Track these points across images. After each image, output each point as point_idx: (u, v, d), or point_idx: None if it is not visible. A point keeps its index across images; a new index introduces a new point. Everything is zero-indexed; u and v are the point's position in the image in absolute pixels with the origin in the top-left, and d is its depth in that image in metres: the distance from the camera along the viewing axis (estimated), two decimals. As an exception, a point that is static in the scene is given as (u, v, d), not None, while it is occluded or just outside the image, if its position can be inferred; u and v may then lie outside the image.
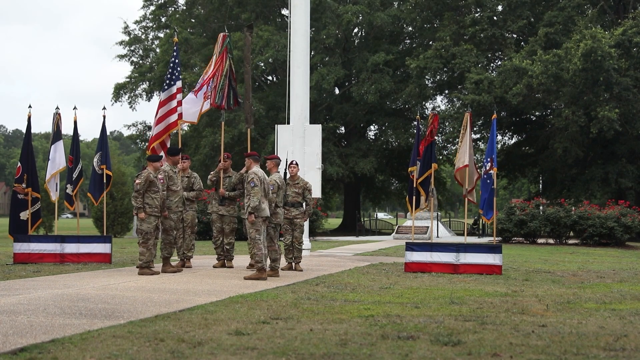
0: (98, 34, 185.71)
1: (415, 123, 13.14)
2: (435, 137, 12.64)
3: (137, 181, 10.58)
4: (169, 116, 12.05)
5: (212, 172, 12.19)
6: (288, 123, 16.50)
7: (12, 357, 4.70)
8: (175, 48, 12.57)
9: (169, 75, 12.39)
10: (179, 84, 12.20)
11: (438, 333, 5.75)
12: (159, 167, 10.80)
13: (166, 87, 12.25)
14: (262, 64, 34.97)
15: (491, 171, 11.86)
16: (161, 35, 39.02)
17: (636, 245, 23.35)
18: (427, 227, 26.55)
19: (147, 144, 38.86)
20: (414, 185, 12.36)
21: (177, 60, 12.42)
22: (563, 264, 14.24)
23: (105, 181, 13.17)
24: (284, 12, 36.60)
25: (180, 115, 12.09)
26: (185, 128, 32.74)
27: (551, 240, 23.88)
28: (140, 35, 40.01)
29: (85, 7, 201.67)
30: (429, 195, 12.46)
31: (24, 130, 18.19)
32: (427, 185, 12.34)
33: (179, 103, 12.16)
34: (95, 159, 13.26)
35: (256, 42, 32.09)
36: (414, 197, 12.48)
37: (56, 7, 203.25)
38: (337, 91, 37.78)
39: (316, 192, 14.77)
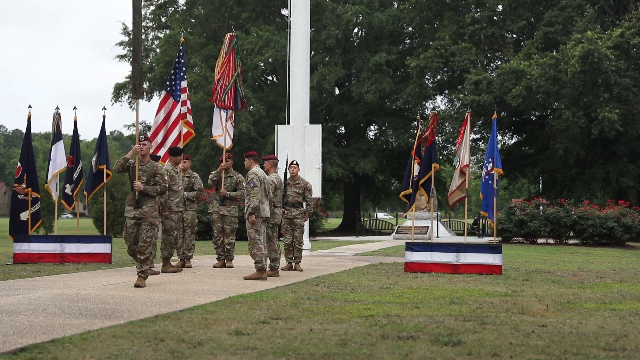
0: (97, 34, 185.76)
1: (415, 123, 13.13)
2: (436, 138, 12.63)
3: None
4: (178, 124, 12.07)
5: (213, 172, 12.20)
6: (288, 123, 16.51)
7: (12, 357, 4.70)
8: (180, 48, 12.59)
9: (172, 77, 12.38)
10: (183, 84, 12.21)
11: (438, 333, 5.75)
12: None
13: (169, 88, 12.24)
14: (262, 64, 34.97)
15: (492, 172, 11.86)
16: (161, 35, 39.01)
17: (636, 245, 23.35)
18: (427, 227, 26.55)
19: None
20: (417, 186, 12.34)
21: (182, 61, 12.43)
22: (563, 264, 14.24)
23: (105, 180, 13.17)
24: (284, 12, 36.60)
25: (183, 115, 12.12)
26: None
27: (551, 240, 23.88)
28: (140, 35, 39.97)
29: (83, 7, 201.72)
30: (430, 196, 12.46)
31: (23, 130, 18.20)
32: (427, 185, 12.34)
33: (183, 103, 12.19)
34: (93, 159, 13.28)
35: (256, 42, 32.10)
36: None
37: (54, 8, 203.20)
38: (337, 91, 37.78)
39: (316, 192, 14.77)
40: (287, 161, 12.33)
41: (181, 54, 12.51)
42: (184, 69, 12.37)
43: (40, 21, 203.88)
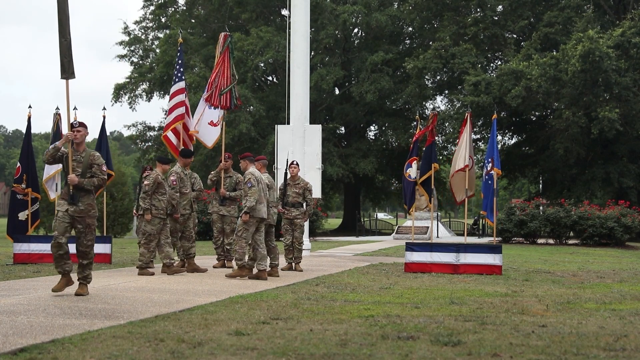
0: (96, 34, 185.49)
1: (415, 123, 13.15)
2: (435, 138, 12.64)
3: (145, 182, 10.63)
4: (172, 112, 12.17)
5: (212, 173, 12.20)
6: (288, 123, 16.51)
7: (12, 357, 4.70)
8: (179, 49, 12.63)
9: (176, 72, 12.48)
10: (181, 84, 12.23)
11: (438, 333, 5.75)
12: (167, 170, 10.84)
13: (173, 83, 12.36)
14: (262, 65, 34.97)
15: (492, 172, 11.86)
16: (161, 35, 39.02)
17: (636, 245, 23.34)
18: (427, 227, 26.54)
19: (147, 144, 39.03)
20: (415, 186, 12.37)
21: (180, 61, 12.46)
22: (563, 264, 14.24)
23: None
24: (284, 12, 36.61)
25: (180, 117, 12.14)
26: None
27: (551, 241, 23.87)
28: (140, 35, 40.01)
29: (82, 7, 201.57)
30: (430, 196, 12.47)
31: (23, 131, 18.19)
32: (428, 185, 12.35)
33: (181, 104, 12.20)
34: None
35: (256, 43, 32.11)
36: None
37: (54, 8, 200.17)
38: (337, 91, 37.79)
39: (316, 193, 14.78)
40: (287, 161, 12.33)
41: (179, 54, 12.56)
42: (181, 69, 12.40)
43: (40, 21, 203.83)
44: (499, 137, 34.92)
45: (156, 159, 11.10)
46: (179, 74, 12.34)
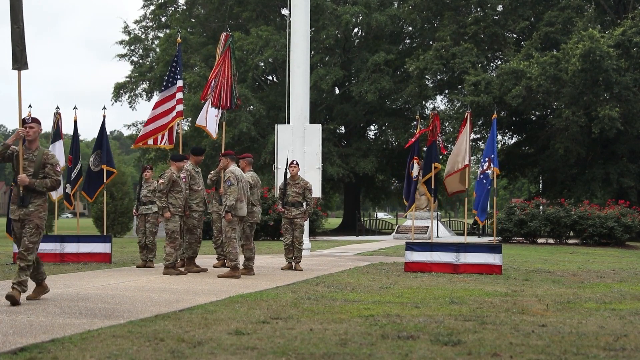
0: (96, 34, 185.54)
1: (415, 123, 13.16)
2: (437, 137, 12.64)
3: (160, 181, 10.64)
4: (165, 115, 12.14)
5: (212, 172, 12.20)
6: (288, 123, 16.52)
7: (12, 357, 4.70)
8: (178, 48, 12.67)
9: (171, 74, 12.48)
10: (179, 82, 12.26)
11: (438, 333, 5.75)
12: (182, 167, 10.85)
13: (169, 85, 12.35)
14: (262, 64, 34.97)
15: (488, 171, 11.85)
16: (161, 35, 39.04)
17: (636, 245, 23.34)
18: (427, 227, 26.54)
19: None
20: (417, 185, 12.38)
21: (178, 60, 12.50)
22: (563, 264, 14.24)
23: (106, 180, 13.20)
24: (284, 11, 36.63)
25: (179, 113, 12.17)
26: (185, 128, 32.80)
27: (551, 240, 23.88)
28: (140, 35, 40.03)
29: (82, 7, 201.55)
30: (432, 196, 12.48)
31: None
32: (428, 185, 12.35)
33: (179, 101, 12.24)
34: (91, 158, 13.28)
35: (256, 42, 32.11)
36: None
37: (52, 8, 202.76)
38: (337, 91, 37.80)
39: (316, 192, 14.78)
40: (287, 161, 12.33)
41: (178, 54, 12.59)
42: (179, 68, 12.44)
43: (40, 21, 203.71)
44: (499, 137, 34.91)
45: (170, 158, 11.13)
46: (177, 74, 12.36)
